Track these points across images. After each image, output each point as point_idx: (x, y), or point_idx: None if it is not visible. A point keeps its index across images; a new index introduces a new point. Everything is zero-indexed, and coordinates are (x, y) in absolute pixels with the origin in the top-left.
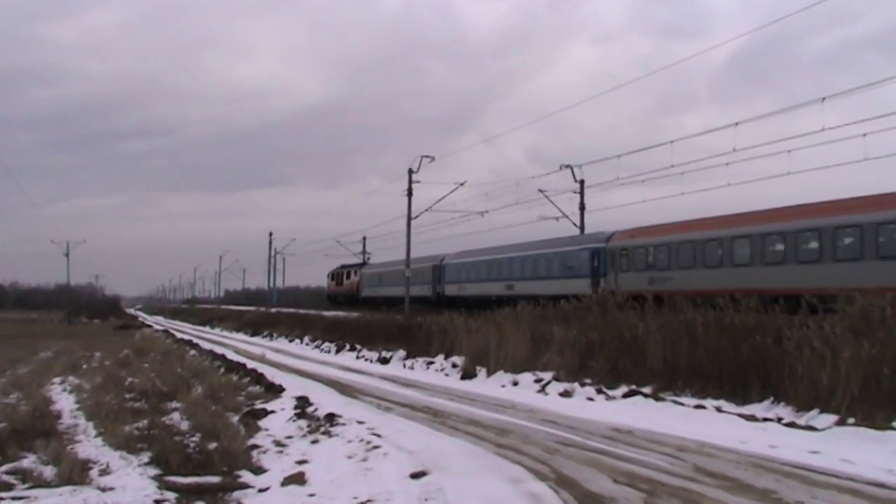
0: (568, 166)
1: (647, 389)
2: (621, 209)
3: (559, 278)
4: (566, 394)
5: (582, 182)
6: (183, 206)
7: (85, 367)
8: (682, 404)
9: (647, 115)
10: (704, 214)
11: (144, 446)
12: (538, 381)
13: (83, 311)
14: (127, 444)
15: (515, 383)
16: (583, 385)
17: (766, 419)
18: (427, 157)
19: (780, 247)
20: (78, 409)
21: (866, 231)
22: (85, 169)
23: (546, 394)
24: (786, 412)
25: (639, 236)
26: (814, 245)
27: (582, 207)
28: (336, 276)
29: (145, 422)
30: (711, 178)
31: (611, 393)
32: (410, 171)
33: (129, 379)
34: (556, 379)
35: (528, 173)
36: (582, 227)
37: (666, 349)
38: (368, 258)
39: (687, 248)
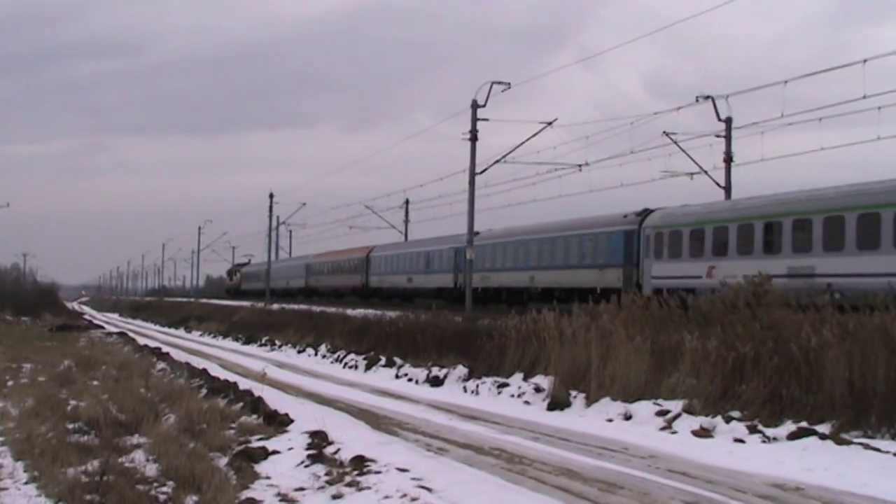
0: (707, 98)
1: (823, 427)
2: (786, 161)
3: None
4: (703, 432)
5: (728, 121)
6: (150, 154)
7: (11, 383)
8: (876, 449)
9: (824, 24)
10: None
11: (96, 498)
12: (662, 413)
13: (6, 304)
14: (71, 495)
15: (628, 416)
16: (728, 420)
17: None
18: (500, 83)
19: None
20: (2, 444)
21: None
22: (12, 103)
23: (673, 432)
24: None
25: None
26: None
27: (728, 159)
28: (230, 273)
29: (96, 463)
30: None
31: (770, 432)
32: (475, 105)
33: (73, 402)
34: (689, 410)
35: (647, 109)
36: (728, 187)
37: (852, 368)
38: (249, 260)
39: None
